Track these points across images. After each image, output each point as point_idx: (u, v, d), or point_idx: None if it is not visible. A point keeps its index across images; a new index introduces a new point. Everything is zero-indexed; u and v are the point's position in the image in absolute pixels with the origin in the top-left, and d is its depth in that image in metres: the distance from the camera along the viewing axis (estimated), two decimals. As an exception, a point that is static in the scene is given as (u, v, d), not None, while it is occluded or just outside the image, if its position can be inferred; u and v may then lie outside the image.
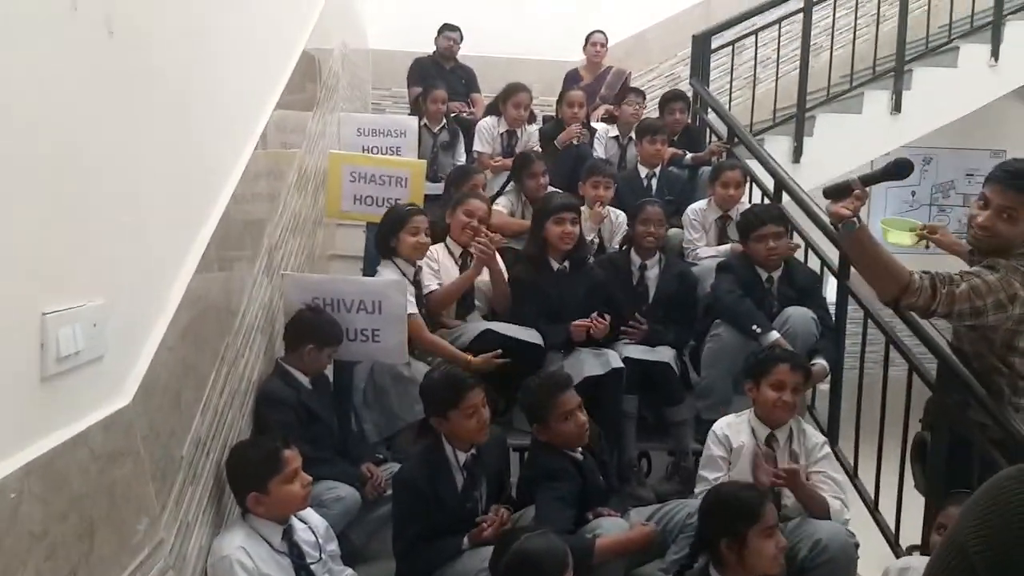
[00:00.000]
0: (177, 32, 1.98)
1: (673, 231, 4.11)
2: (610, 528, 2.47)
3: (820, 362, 3.16)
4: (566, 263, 3.45)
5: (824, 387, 3.36)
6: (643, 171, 4.46)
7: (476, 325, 3.31)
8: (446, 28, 5.79)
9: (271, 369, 2.82)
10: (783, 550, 2.24)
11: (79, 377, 1.46)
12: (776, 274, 3.41)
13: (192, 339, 2.04)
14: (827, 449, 2.78)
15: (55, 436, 1.36)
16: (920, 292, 2.30)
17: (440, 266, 3.49)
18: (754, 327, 3.20)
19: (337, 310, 2.95)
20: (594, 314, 3.21)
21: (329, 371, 2.91)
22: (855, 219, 2.31)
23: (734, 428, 2.77)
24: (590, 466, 2.67)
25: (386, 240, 3.28)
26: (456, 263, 3.52)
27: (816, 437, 2.79)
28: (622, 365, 3.13)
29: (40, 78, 1.34)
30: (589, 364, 3.07)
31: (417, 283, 3.29)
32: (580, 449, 2.66)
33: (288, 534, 2.23)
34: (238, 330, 2.50)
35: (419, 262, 3.35)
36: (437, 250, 3.52)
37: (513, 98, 4.73)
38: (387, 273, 3.22)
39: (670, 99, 4.95)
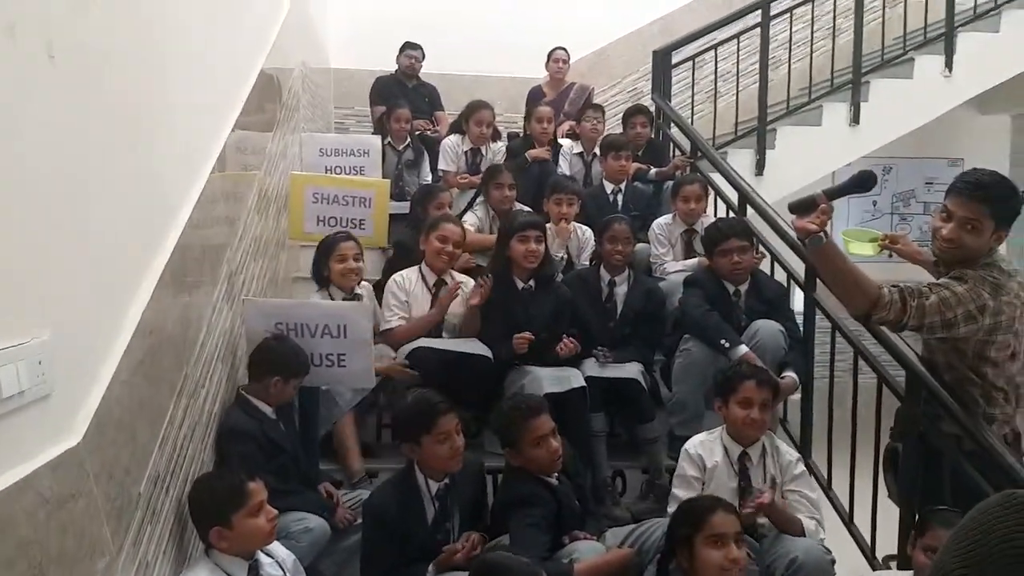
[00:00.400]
0: (125, 54, 1.92)
1: (640, 246, 4.10)
2: (587, 552, 2.43)
3: (790, 375, 3.16)
4: (531, 281, 3.42)
5: (796, 398, 3.36)
6: (608, 187, 4.45)
7: (414, 342, 3.23)
8: (408, 46, 5.76)
9: (233, 398, 2.74)
10: (737, 564, 2.17)
11: (24, 417, 1.39)
12: (743, 287, 3.41)
13: (147, 372, 1.96)
14: (801, 467, 2.77)
15: (-1, 482, 1.29)
16: (890, 306, 2.30)
17: (410, 296, 3.39)
18: (723, 342, 3.19)
19: (301, 335, 2.89)
20: (565, 337, 3.22)
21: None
22: (822, 234, 2.31)
23: (707, 446, 2.75)
24: (565, 490, 2.63)
25: (319, 269, 3.28)
26: (430, 291, 3.42)
27: (790, 454, 2.77)
28: (583, 384, 3.10)
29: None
30: (549, 382, 3.04)
31: None
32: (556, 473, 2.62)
33: (254, 570, 2.15)
34: (197, 360, 2.42)
35: (359, 289, 3.32)
36: (409, 278, 3.43)
37: (475, 115, 4.72)
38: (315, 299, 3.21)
39: (632, 114, 4.96)
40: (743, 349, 3.16)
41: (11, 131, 1.38)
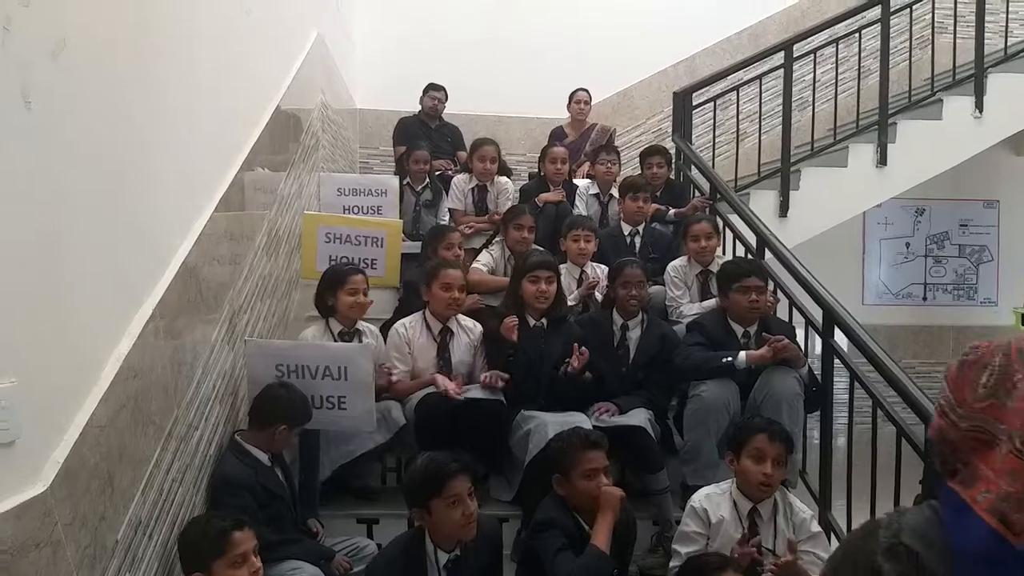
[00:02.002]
0: (116, 96, 1.93)
1: (656, 289, 4.03)
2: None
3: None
4: (543, 320, 3.38)
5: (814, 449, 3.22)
6: (626, 228, 4.40)
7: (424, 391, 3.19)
8: (431, 88, 5.82)
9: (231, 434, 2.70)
10: None
11: (-18, 465, 1.36)
12: (751, 330, 3.31)
13: (130, 415, 1.93)
14: (816, 525, 2.64)
15: (-53, 533, 1.26)
16: None
17: (414, 346, 3.35)
18: (723, 360, 3.15)
19: (302, 376, 2.85)
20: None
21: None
22: None
23: (714, 501, 2.63)
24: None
25: (325, 299, 3.24)
26: (435, 339, 3.37)
27: (804, 511, 2.64)
28: (590, 428, 3.01)
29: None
30: (554, 427, 2.96)
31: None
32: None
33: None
34: (191, 402, 2.40)
35: (359, 325, 3.28)
36: (413, 327, 3.38)
37: (478, 152, 4.76)
38: (311, 332, 3.20)
39: (649, 154, 4.93)
40: (744, 355, 3.15)
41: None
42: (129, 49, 2.00)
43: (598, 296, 3.85)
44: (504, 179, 4.90)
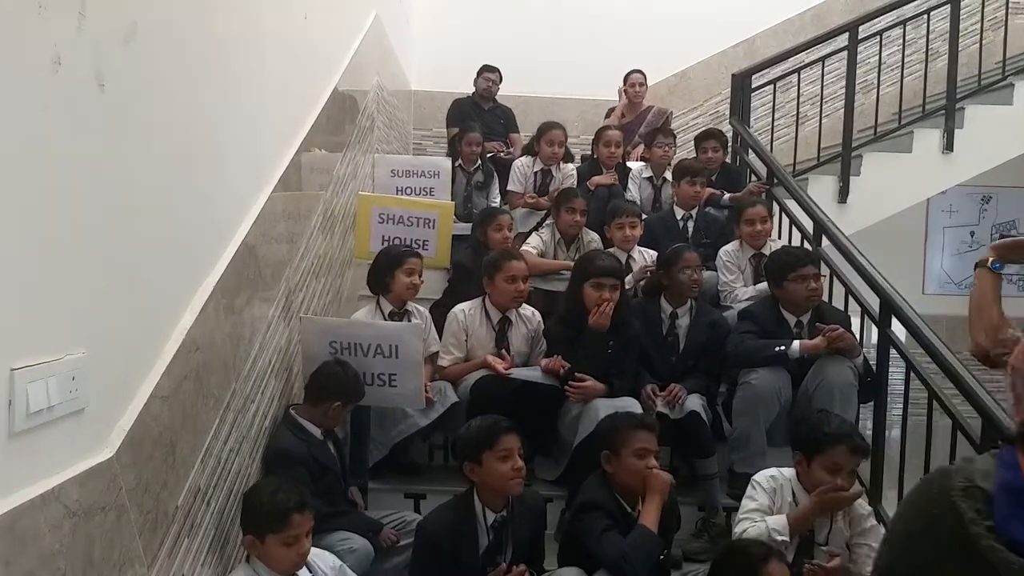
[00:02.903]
0: (185, 80, 1.99)
1: (708, 274, 3.99)
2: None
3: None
4: None
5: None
6: (679, 213, 4.35)
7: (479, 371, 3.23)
8: (485, 69, 5.82)
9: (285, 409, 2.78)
10: None
11: (53, 432, 1.43)
12: (805, 319, 3.26)
13: (191, 387, 2.01)
14: (872, 520, 2.59)
15: (20, 494, 1.33)
16: (1011, 344, 2.14)
17: (471, 334, 3.35)
18: (776, 348, 3.12)
19: (354, 354, 2.92)
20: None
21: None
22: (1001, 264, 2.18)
23: (778, 484, 2.58)
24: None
25: (381, 277, 3.28)
26: (493, 329, 3.37)
27: (862, 507, 2.58)
28: (641, 412, 3.01)
29: (23, 135, 1.34)
30: (605, 411, 2.96)
31: None
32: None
33: (295, 578, 2.17)
34: (248, 375, 2.47)
35: (409, 306, 3.32)
36: (472, 314, 3.37)
37: (547, 135, 4.72)
38: (362, 313, 3.24)
39: (704, 138, 4.87)
40: (796, 344, 3.12)
41: (58, 156, 1.44)
42: (197, 33, 2.05)
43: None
44: (569, 166, 4.86)
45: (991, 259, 2.19)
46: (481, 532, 2.46)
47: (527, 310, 3.48)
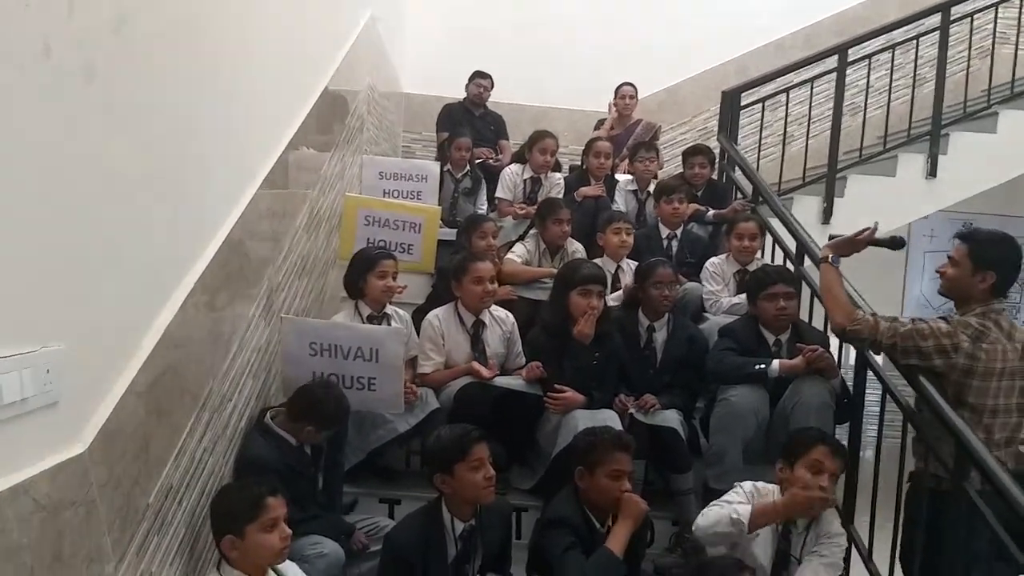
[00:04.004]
0: (175, 73, 1.97)
1: (691, 285, 4.02)
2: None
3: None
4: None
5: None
6: (664, 231, 4.38)
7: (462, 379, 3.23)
8: (477, 75, 5.83)
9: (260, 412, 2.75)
10: None
11: (25, 424, 1.42)
12: (783, 337, 3.28)
13: (167, 384, 1.99)
14: (843, 541, 2.63)
15: (-11, 486, 1.31)
16: (863, 322, 2.75)
17: (447, 339, 3.34)
18: (756, 366, 3.13)
19: (335, 356, 2.90)
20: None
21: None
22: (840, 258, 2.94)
23: (760, 493, 2.59)
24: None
25: (355, 281, 3.25)
26: (467, 332, 3.38)
27: (834, 526, 2.61)
28: (620, 427, 3.01)
29: (8, 126, 1.33)
30: (584, 423, 2.97)
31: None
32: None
33: (264, 588, 2.14)
34: (226, 374, 2.45)
35: (388, 309, 3.31)
36: (446, 320, 3.37)
37: (540, 143, 4.73)
38: (341, 316, 3.22)
39: (691, 153, 4.90)
40: (776, 363, 3.14)
41: (45, 145, 1.42)
42: (188, 27, 2.04)
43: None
44: (557, 175, 4.88)
45: (830, 256, 2.94)
46: (450, 542, 2.46)
47: (499, 311, 3.49)
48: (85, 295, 1.61)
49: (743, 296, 3.77)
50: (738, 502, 2.55)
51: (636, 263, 4.01)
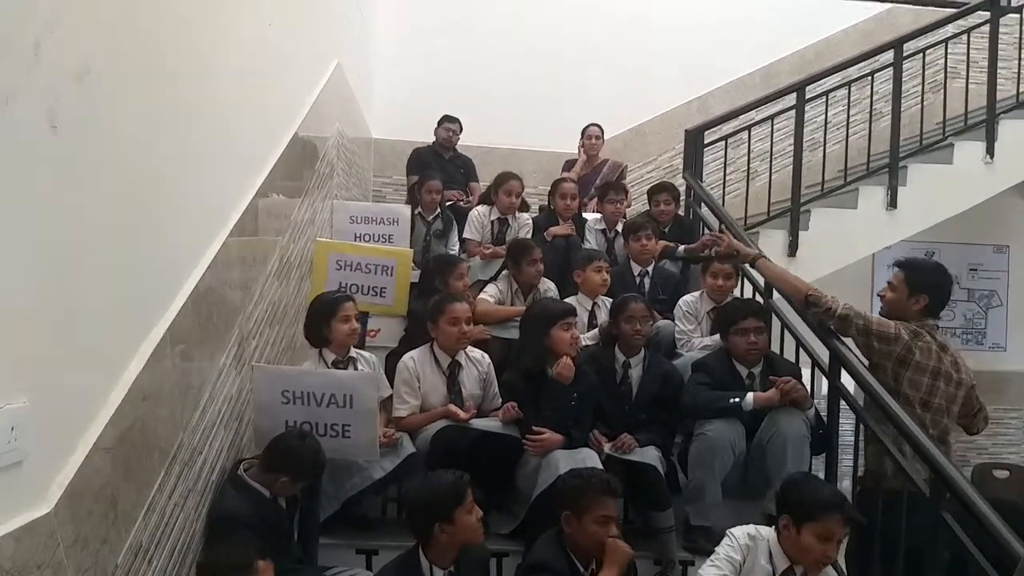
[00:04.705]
0: (139, 123, 1.96)
1: (665, 323, 4.04)
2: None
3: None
4: None
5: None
6: (636, 268, 4.41)
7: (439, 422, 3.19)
8: (446, 119, 5.89)
9: (230, 470, 2.68)
10: None
11: (-12, 486, 1.37)
12: (756, 370, 3.31)
13: (136, 438, 1.94)
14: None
15: (-51, 552, 1.26)
16: (821, 296, 3.19)
17: (424, 381, 3.31)
18: (731, 400, 3.16)
19: (308, 403, 2.85)
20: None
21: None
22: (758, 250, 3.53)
23: (755, 543, 2.53)
24: None
25: (318, 329, 3.18)
26: (443, 374, 3.35)
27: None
28: (600, 466, 3.00)
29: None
30: (564, 463, 2.94)
31: None
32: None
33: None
34: (196, 426, 2.40)
35: (352, 352, 3.25)
36: (422, 362, 3.33)
37: (504, 186, 4.77)
38: (307, 365, 3.15)
39: (656, 191, 4.97)
40: (750, 396, 3.17)
41: (6, 187, 1.40)
42: (153, 76, 2.03)
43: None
44: (525, 215, 4.91)
45: (753, 255, 3.55)
46: None
47: (475, 352, 3.47)
48: (49, 350, 1.57)
49: (715, 337, 3.80)
50: (737, 562, 2.50)
51: (608, 298, 4.03)
